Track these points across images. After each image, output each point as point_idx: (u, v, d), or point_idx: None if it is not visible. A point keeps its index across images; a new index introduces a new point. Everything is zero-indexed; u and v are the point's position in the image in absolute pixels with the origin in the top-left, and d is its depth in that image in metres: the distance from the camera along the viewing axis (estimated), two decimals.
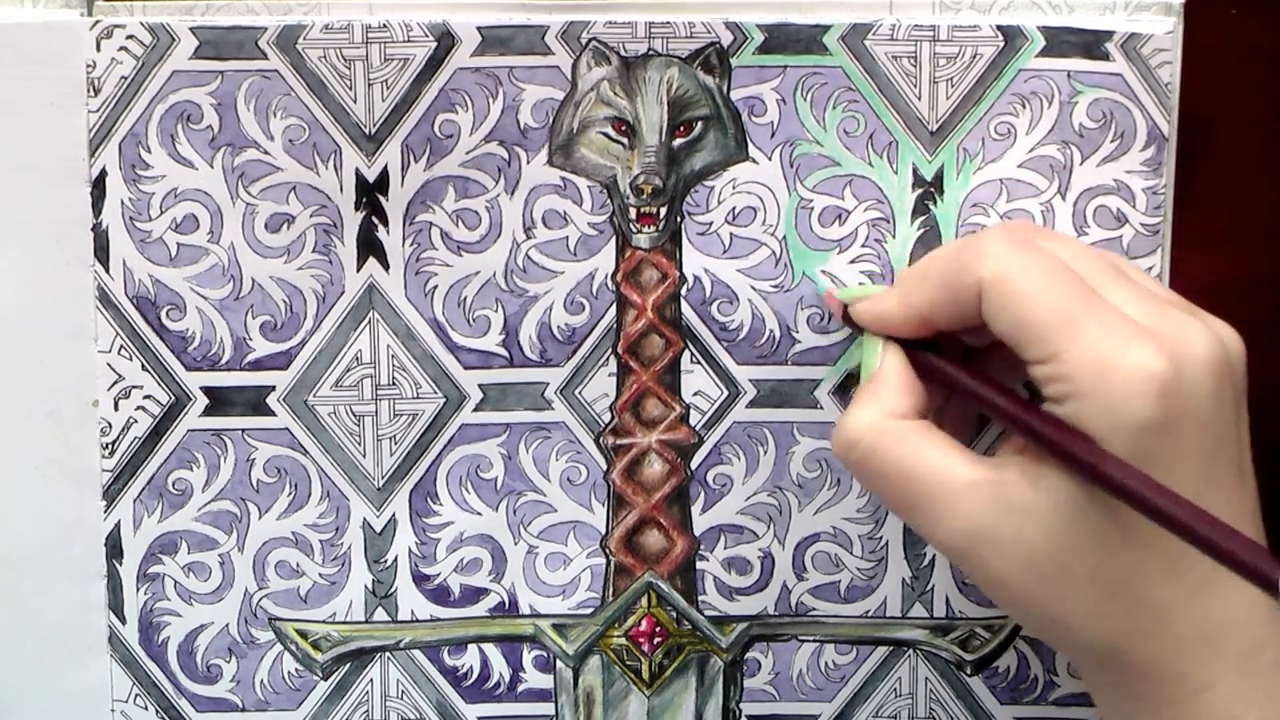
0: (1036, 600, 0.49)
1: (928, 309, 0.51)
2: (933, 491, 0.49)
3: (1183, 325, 0.48)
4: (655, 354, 0.57)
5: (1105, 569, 0.48)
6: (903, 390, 0.51)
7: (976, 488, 0.48)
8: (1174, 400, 0.46)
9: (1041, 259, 0.49)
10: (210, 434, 0.57)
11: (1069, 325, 0.47)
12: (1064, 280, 0.48)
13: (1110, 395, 0.46)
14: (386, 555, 0.58)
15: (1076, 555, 0.48)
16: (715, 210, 0.56)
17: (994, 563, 0.48)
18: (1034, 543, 0.48)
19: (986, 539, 0.48)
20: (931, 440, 0.50)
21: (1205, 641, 0.48)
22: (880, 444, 0.50)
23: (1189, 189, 0.57)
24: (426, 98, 0.56)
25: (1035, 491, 0.48)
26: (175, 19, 0.55)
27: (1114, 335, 0.47)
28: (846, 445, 0.51)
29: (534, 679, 0.59)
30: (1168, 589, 0.47)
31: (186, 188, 0.56)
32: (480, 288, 0.57)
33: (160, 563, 0.58)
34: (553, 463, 0.58)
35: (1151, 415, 0.46)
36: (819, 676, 0.59)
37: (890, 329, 0.52)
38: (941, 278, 0.50)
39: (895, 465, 0.50)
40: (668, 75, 0.56)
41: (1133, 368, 0.46)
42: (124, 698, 0.58)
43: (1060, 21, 0.55)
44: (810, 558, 0.58)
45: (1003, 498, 0.48)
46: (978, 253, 0.49)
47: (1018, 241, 0.49)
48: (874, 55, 0.56)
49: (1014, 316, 0.48)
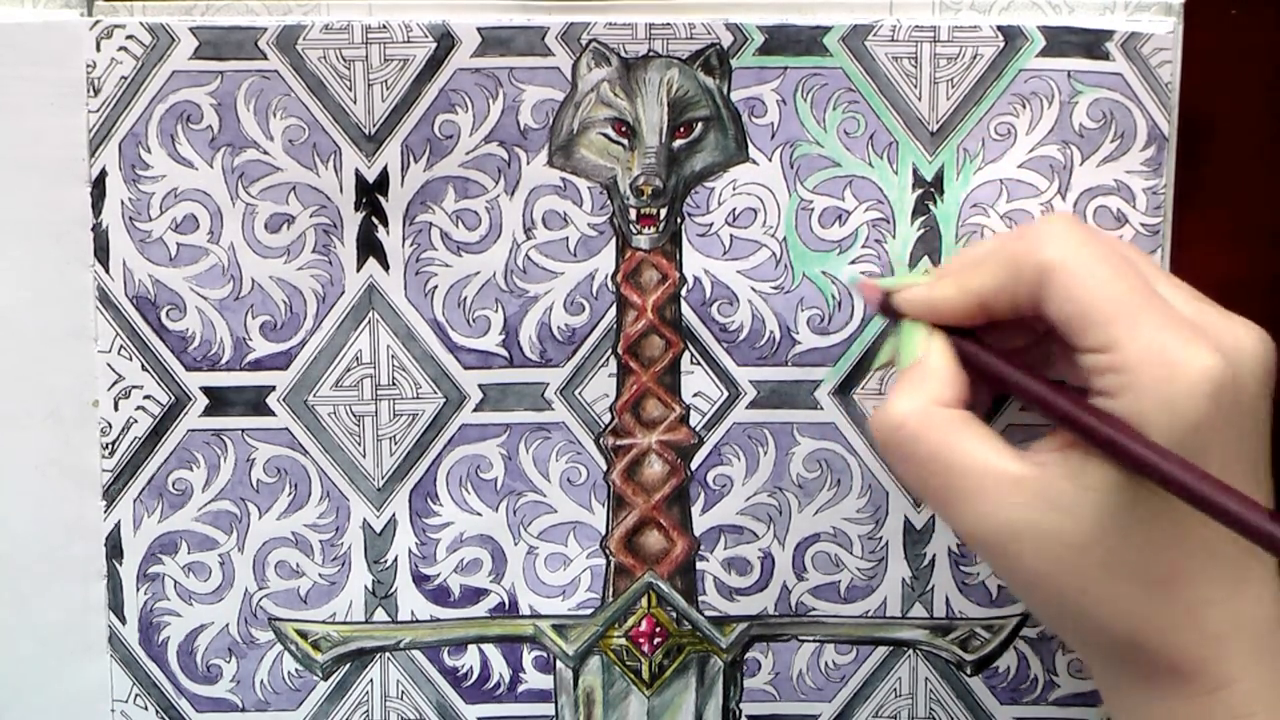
0: (1071, 596, 0.48)
1: (987, 293, 0.50)
2: (974, 484, 0.49)
3: (1233, 324, 0.49)
4: (655, 355, 0.57)
5: (1145, 565, 0.48)
6: (949, 379, 0.50)
7: (1020, 482, 0.48)
8: (1227, 399, 0.47)
9: (1104, 248, 0.49)
10: (210, 434, 0.57)
11: (1130, 316, 0.47)
12: (1125, 271, 0.48)
13: (1169, 390, 0.46)
14: (386, 555, 0.58)
15: (1117, 551, 0.48)
16: (715, 211, 0.56)
17: (1032, 559, 0.48)
18: (1074, 539, 0.48)
19: (1025, 534, 0.48)
20: (976, 432, 0.49)
21: (1231, 638, 0.48)
22: (924, 430, 0.49)
23: (1189, 189, 0.57)
24: (426, 98, 0.56)
25: (1078, 488, 0.48)
26: (175, 19, 0.55)
27: (1173, 332, 0.47)
28: (891, 427, 0.50)
29: (534, 679, 0.59)
30: (1204, 586, 0.48)
31: (186, 188, 0.56)
32: (480, 288, 0.57)
33: (160, 563, 0.58)
34: (553, 463, 0.58)
35: (1207, 413, 0.46)
36: (819, 676, 0.59)
37: (942, 315, 0.51)
38: (1001, 261, 0.50)
39: (937, 454, 0.49)
40: (668, 76, 0.56)
41: (1192, 364, 0.46)
42: (124, 698, 0.58)
43: (1060, 21, 0.55)
44: (810, 558, 0.58)
45: (1045, 493, 0.48)
46: (1041, 237, 0.49)
47: (1080, 229, 0.49)
48: (874, 56, 0.56)
49: (1076, 302, 0.48)
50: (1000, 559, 0.49)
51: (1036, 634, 0.58)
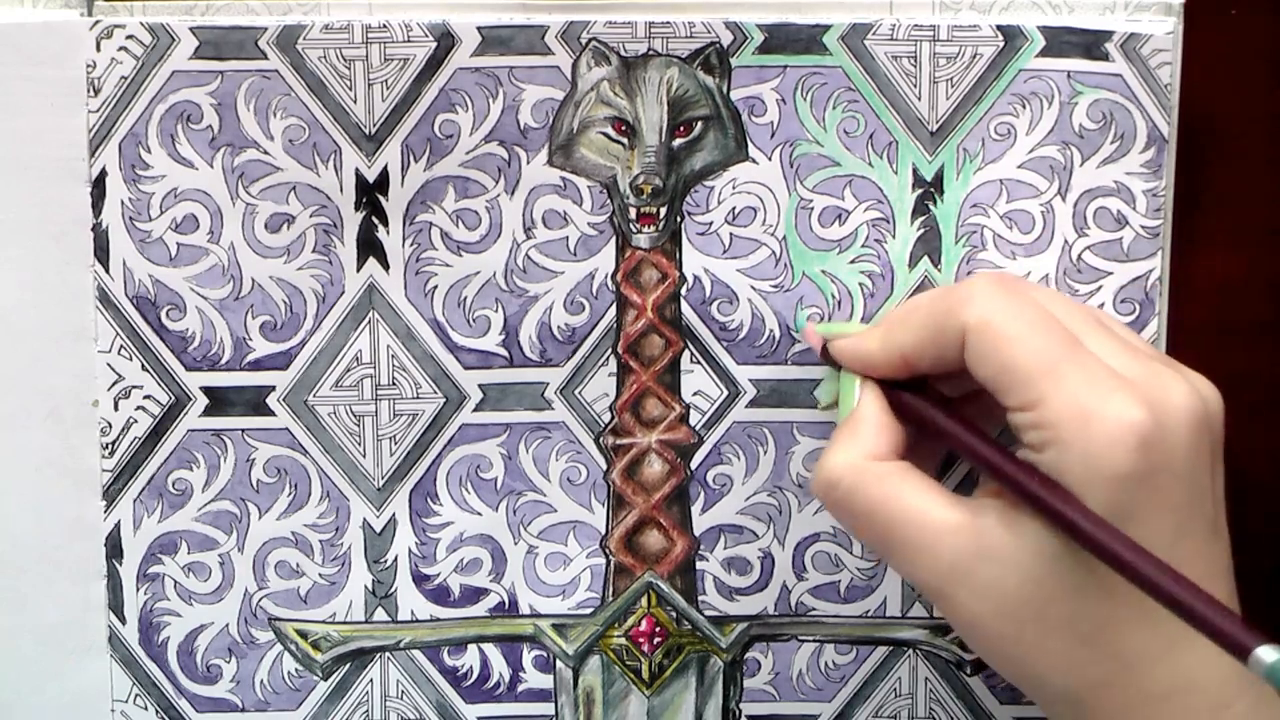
0: (1009, 645, 0.49)
1: (910, 350, 0.51)
2: (911, 533, 0.49)
3: (1163, 378, 0.48)
4: (655, 354, 0.57)
5: (1079, 617, 0.48)
6: (881, 431, 0.51)
7: (955, 531, 0.48)
8: (1153, 452, 0.46)
9: (1026, 306, 0.49)
10: (210, 434, 0.57)
11: (1052, 373, 0.47)
12: (1048, 328, 0.48)
13: (1090, 445, 0.46)
14: (386, 555, 0.58)
15: (1051, 602, 0.48)
16: (715, 210, 0.56)
17: (969, 605, 0.48)
18: (1009, 587, 0.48)
19: (962, 582, 0.48)
20: (911, 482, 0.50)
21: (1174, 696, 0.47)
22: (860, 485, 0.50)
23: (1189, 190, 0.57)
24: (426, 98, 0.56)
25: (1013, 537, 0.48)
26: (175, 19, 0.55)
27: (1096, 385, 0.47)
28: (826, 485, 0.50)
29: (534, 679, 0.59)
30: (1140, 640, 0.47)
31: (186, 188, 0.56)
32: (480, 288, 0.57)
33: (160, 563, 0.58)
34: (553, 463, 0.58)
35: (1130, 467, 0.46)
36: (819, 676, 0.59)
37: (870, 369, 0.52)
38: (926, 320, 0.50)
39: (875, 506, 0.49)
40: (668, 75, 0.56)
41: (1114, 418, 0.46)
42: (124, 698, 0.58)
43: (1060, 22, 0.55)
44: (810, 558, 0.58)
45: (980, 542, 0.48)
46: (963, 297, 0.49)
47: (1004, 288, 0.49)
48: (874, 55, 0.56)
49: (998, 362, 0.48)
50: (942, 605, 0.49)
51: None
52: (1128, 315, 0.56)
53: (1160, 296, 0.56)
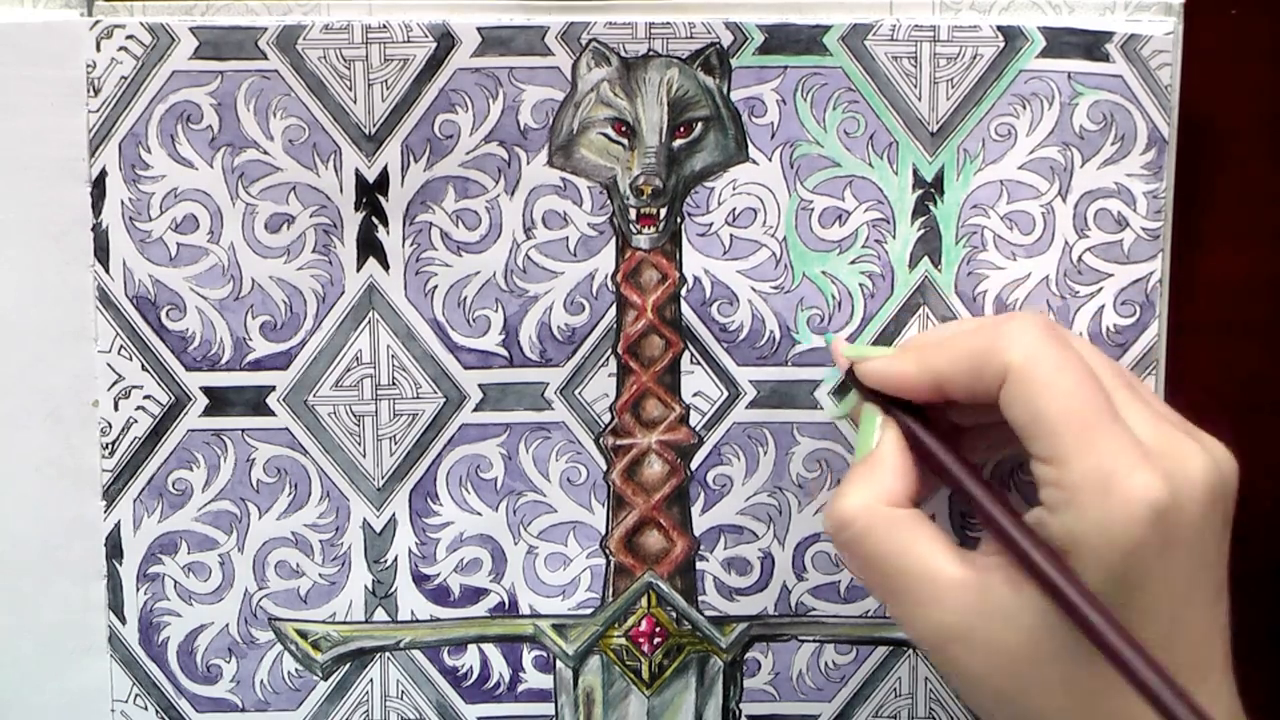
0: (1005, 703, 0.49)
1: (945, 378, 0.50)
2: (917, 586, 0.49)
3: (1184, 448, 0.48)
4: (655, 354, 0.57)
5: (1077, 680, 0.48)
6: (899, 474, 0.51)
7: (960, 587, 0.48)
8: (1168, 526, 0.46)
9: (1071, 359, 0.49)
10: (210, 434, 0.57)
11: (1083, 433, 0.47)
12: (1089, 387, 0.48)
13: (1107, 514, 0.46)
14: (386, 555, 0.58)
15: (1050, 664, 0.47)
16: (715, 211, 0.56)
17: (968, 663, 0.48)
18: (1010, 647, 0.48)
19: (964, 639, 0.48)
20: (922, 532, 0.49)
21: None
22: (871, 529, 0.50)
23: (1189, 191, 0.57)
24: (426, 98, 0.56)
25: (1016, 597, 0.48)
26: (175, 19, 0.55)
27: (1121, 456, 0.47)
28: (839, 525, 0.50)
29: (534, 679, 0.59)
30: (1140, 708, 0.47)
31: (186, 188, 0.56)
32: (480, 288, 0.57)
33: (160, 563, 0.58)
34: (553, 463, 0.58)
35: (1144, 539, 0.46)
36: (819, 676, 0.59)
37: (900, 391, 0.52)
38: (966, 351, 0.50)
39: (884, 554, 0.49)
40: (668, 76, 0.56)
41: (1134, 491, 0.46)
42: (124, 698, 0.58)
43: (1060, 22, 0.55)
44: (810, 558, 0.58)
45: (984, 599, 0.48)
46: (1009, 336, 0.49)
47: (1050, 335, 0.49)
48: (874, 56, 0.56)
49: (1033, 409, 0.48)
50: (941, 660, 0.49)
51: None
52: (1128, 317, 0.56)
53: (1161, 298, 0.56)
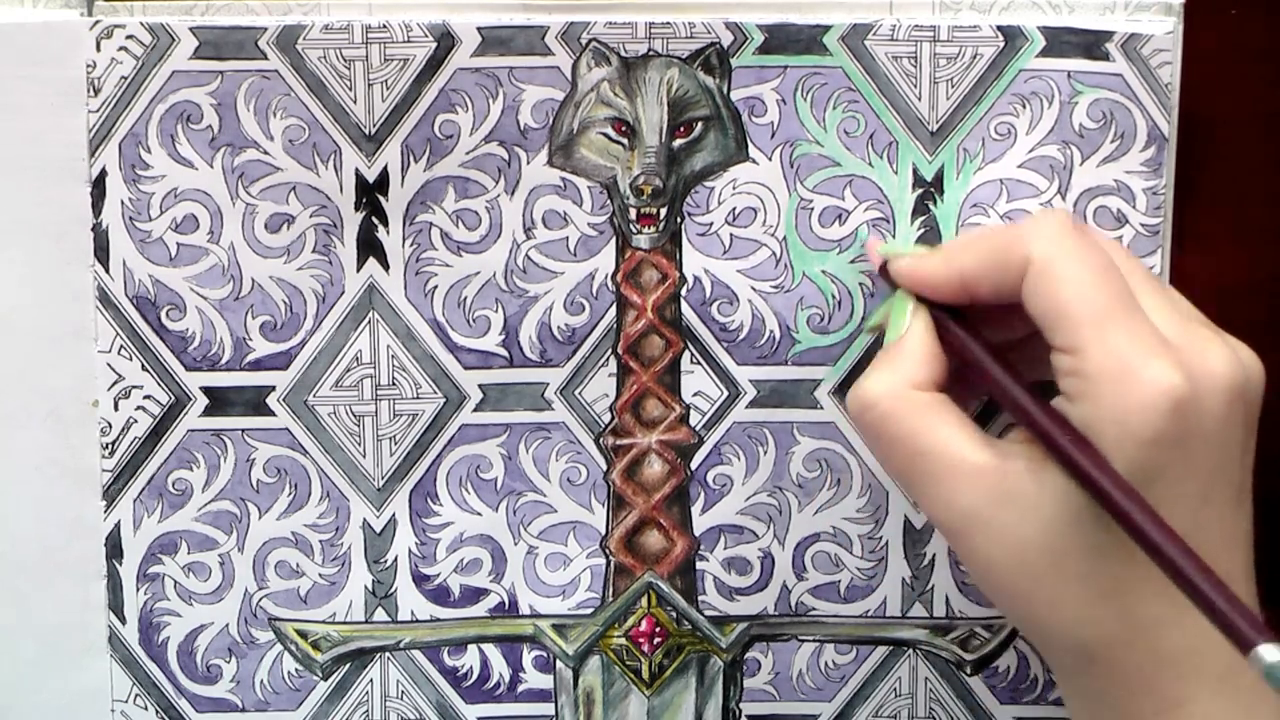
0: (1023, 593, 0.48)
1: (970, 275, 0.50)
2: (938, 468, 0.49)
3: (1206, 343, 0.48)
4: (655, 354, 0.57)
5: (1096, 574, 0.47)
6: (925, 360, 0.51)
7: (981, 472, 0.48)
8: (1186, 418, 0.46)
9: (1092, 251, 0.48)
10: (210, 434, 0.57)
11: (1100, 323, 0.47)
12: (1109, 278, 0.48)
13: (1125, 404, 0.46)
14: (386, 555, 0.58)
15: (1069, 556, 0.47)
16: (715, 211, 0.56)
17: (986, 550, 0.48)
18: (1029, 536, 0.48)
19: (984, 524, 0.48)
20: (946, 417, 0.49)
21: (1185, 658, 0.48)
22: (895, 412, 0.49)
23: (1189, 189, 0.57)
24: (426, 98, 0.56)
25: (1038, 485, 0.48)
26: (175, 19, 0.55)
27: (1139, 344, 0.47)
28: (862, 406, 0.50)
29: (534, 679, 0.59)
30: (1156, 603, 0.47)
31: (186, 188, 0.56)
32: (480, 288, 0.57)
33: (160, 563, 0.58)
34: (553, 463, 0.58)
35: (1162, 429, 0.46)
36: (819, 676, 0.59)
37: (929, 289, 0.51)
38: (990, 247, 0.50)
39: (906, 436, 0.49)
40: (668, 76, 0.56)
41: (1151, 380, 0.46)
42: (124, 698, 0.58)
43: (1060, 22, 0.55)
44: (810, 558, 0.58)
45: (1005, 486, 0.48)
46: (1031, 230, 0.49)
47: (1071, 229, 0.49)
48: (874, 55, 0.56)
49: (1053, 300, 0.48)
50: (959, 544, 0.49)
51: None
52: None
53: None
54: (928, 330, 0.51)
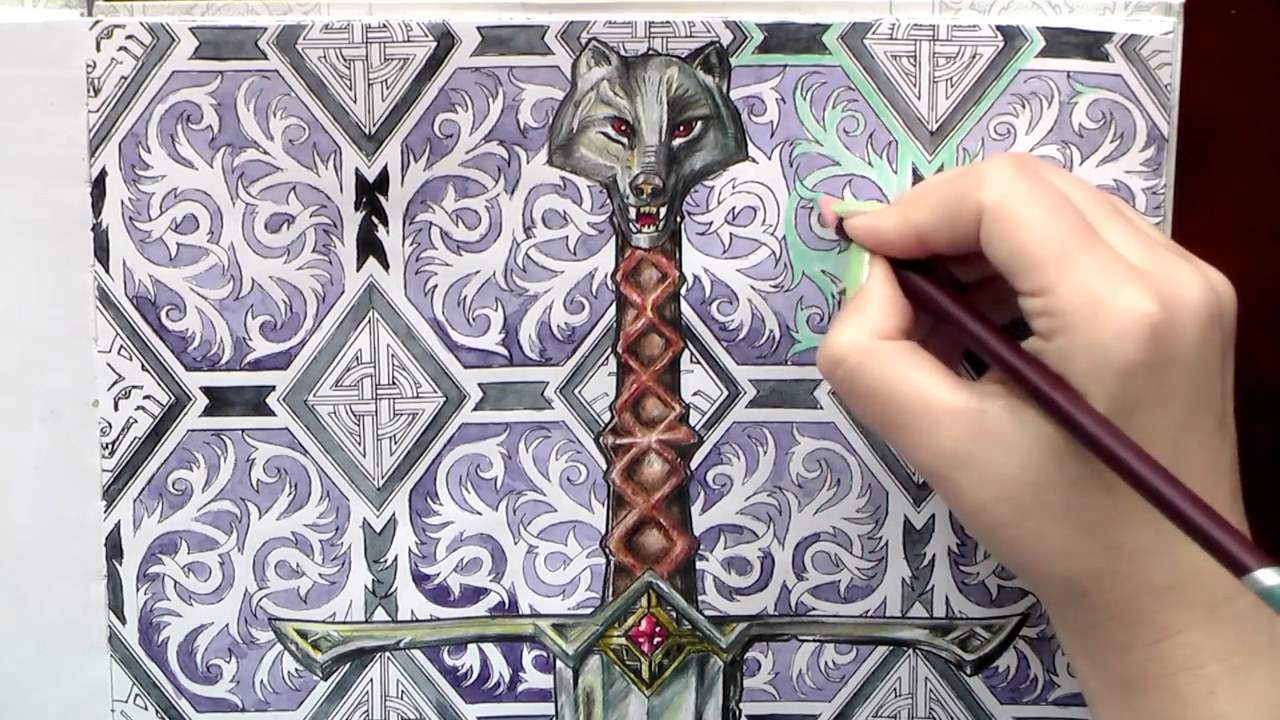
0: (1009, 531, 0.48)
1: (926, 229, 0.50)
2: (914, 414, 0.48)
3: (1177, 269, 0.48)
4: (655, 354, 0.57)
5: (1080, 508, 0.47)
6: (889, 309, 0.50)
7: (958, 414, 0.48)
8: (1162, 344, 0.46)
9: (1044, 190, 0.48)
10: (210, 434, 0.57)
11: (1064, 259, 0.47)
12: (1064, 214, 0.48)
13: (1099, 334, 0.46)
14: (386, 555, 0.58)
15: (1052, 491, 0.47)
16: (715, 210, 0.56)
17: (970, 489, 0.48)
18: (1011, 474, 0.47)
19: (964, 465, 0.48)
20: (916, 362, 0.49)
21: (1175, 588, 0.47)
22: (865, 363, 0.49)
23: (1189, 190, 0.57)
24: (426, 97, 0.56)
25: (1016, 423, 0.47)
26: (175, 19, 0.55)
27: (1108, 274, 0.46)
28: (831, 363, 0.50)
29: (534, 679, 0.59)
30: (1142, 534, 0.47)
31: (186, 188, 0.56)
32: (480, 287, 0.57)
33: (160, 563, 0.58)
34: (553, 462, 0.58)
35: (1139, 358, 0.46)
36: (819, 676, 0.59)
37: (885, 246, 0.51)
38: (942, 198, 0.49)
39: (879, 385, 0.49)
40: (667, 75, 0.56)
41: (1124, 309, 0.46)
42: (124, 698, 0.58)
43: (1060, 22, 0.55)
44: (810, 558, 0.58)
45: (983, 426, 0.48)
46: (981, 177, 0.49)
47: (1022, 171, 0.49)
48: (874, 55, 0.56)
49: (1011, 245, 0.47)
50: (942, 487, 0.49)
51: (1036, 634, 0.58)
52: None
53: None
54: (886, 279, 0.51)
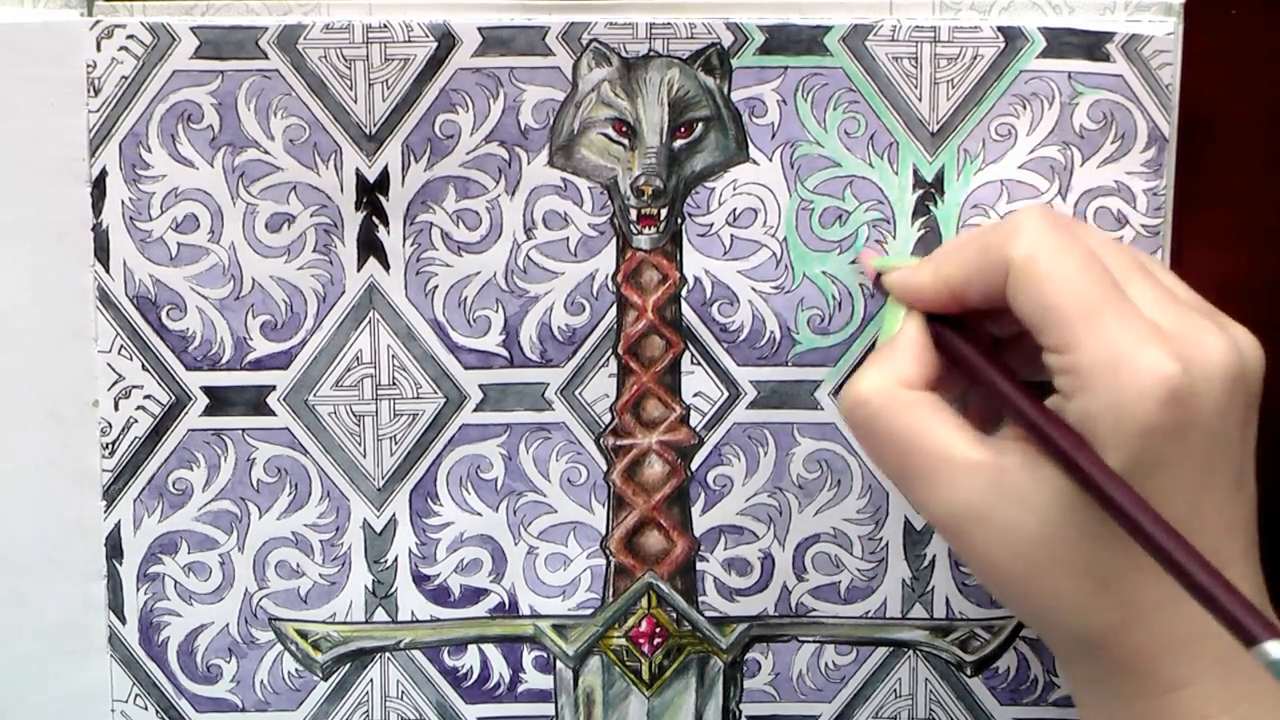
0: (1023, 586, 0.49)
1: (957, 283, 0.50)
2: (932, 465, 0.49)
3: (1202, 331, 0.48)
4: (655, 355, 0.57)
5: (1095, 563, 0.47)
6: (917, 359, 0.51)
7: (976, 469, 0.48)
8: (1183, 407, 0.46)
9: (1074, 246, 0.48)
10: (210, 434, 0.57)
11: (1090, 318, 0.47)
12: (1092, 271, 0.48)
13: (1119, 394, 0.46)
14: (386, 555, 0.58)
15: (1067, 547, 0.47)
16: (716, 211, 0.56)
17: (984, 545, 0.48)
18: (1026, 530, 0.48)
19: (980, 521, 0.48)
20: (937, 414, 0.49)
21: (1187, 642, 0.48)
22: (887, 409, 0.50)
23: (1189, 190, 0.57)
24: (427, 98, 0.56)
25: (1033, 480, 0.48)
26: (175, 19, 0.55)
27: (1131, 334, 0.46)
28: (854, 404, 0.50)
29: (534, 679, 0.59)
30: (1156, 589, 0.47)
31: (187, 188, 0.56)
32: (481, 288, 0.57)
33: (160, 563, 0.58)
34: (553, 463, 0.58)
35: (1158, 419, 0.46)
36: (819, 677, 0.59)
37: (920, 300, 0.52)
38: (975, 252, 0.50)
39: (898, 433, 0.49)
40: (668, 76, 0.56)
41: (1145, 369, 0.46)
42: (124, 698, 0.58)
43: (1061, 23, 0.55)
44: (810, 558, 0.58)
45: (1000, 482, 0.48)
46: (1012, 231, 0.49)
47: (1053, 225, 0.49)
48: (874, 56, 0.56)
49: (1037, 300, 0.48)
50: (955, 541, 0.49)
51: (1036, 635, 0.58)
52: None
53: None
54: (920, 330, 0.51)
